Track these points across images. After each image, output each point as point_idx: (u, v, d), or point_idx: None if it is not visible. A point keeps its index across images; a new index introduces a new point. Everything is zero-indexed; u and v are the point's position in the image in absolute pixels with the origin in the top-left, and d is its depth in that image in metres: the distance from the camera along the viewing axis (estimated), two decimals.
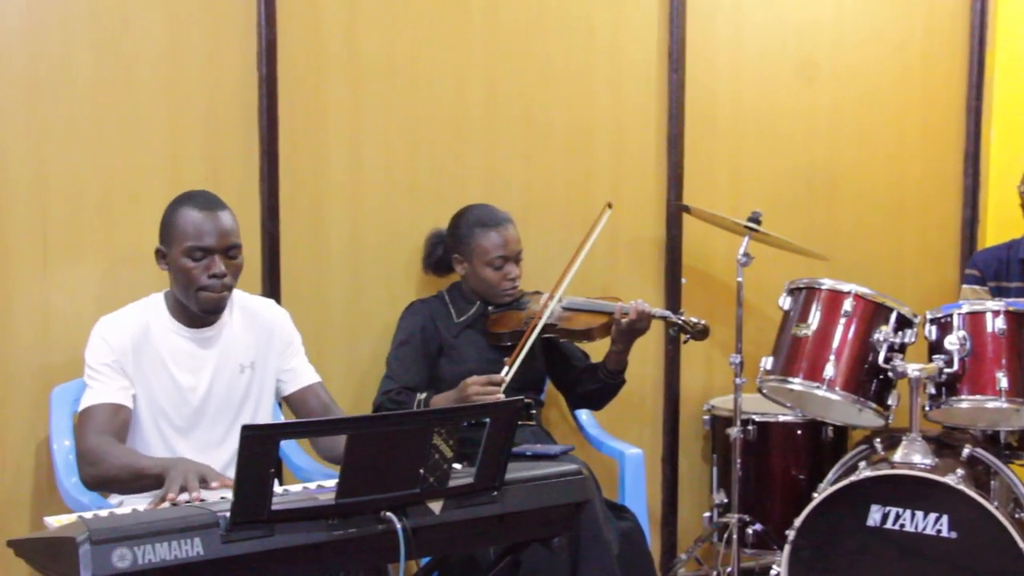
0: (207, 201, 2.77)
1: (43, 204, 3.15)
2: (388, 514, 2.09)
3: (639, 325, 3.34)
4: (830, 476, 3.65)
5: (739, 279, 3.75)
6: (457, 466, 2.25)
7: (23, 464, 3.17)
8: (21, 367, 3.15)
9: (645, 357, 4.08)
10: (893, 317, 3.54)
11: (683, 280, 4.14)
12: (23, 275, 3.13)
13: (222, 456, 2.82)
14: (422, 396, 3.29)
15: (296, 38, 3.46)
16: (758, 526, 3.82)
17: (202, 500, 2.30)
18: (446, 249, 3.54)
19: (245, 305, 2.94)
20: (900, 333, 3.51)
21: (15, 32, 3.10)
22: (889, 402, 3.54)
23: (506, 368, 3.22)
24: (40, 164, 3.14)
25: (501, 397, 3.16)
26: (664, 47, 4.07)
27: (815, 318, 3.59)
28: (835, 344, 3.54)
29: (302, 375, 2.98)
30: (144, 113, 3.28)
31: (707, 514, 4.01)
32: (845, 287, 3.58)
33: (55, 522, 2.13)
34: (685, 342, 3.45)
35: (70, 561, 1.86)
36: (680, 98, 4.08)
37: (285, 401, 3.00)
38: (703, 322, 3.38)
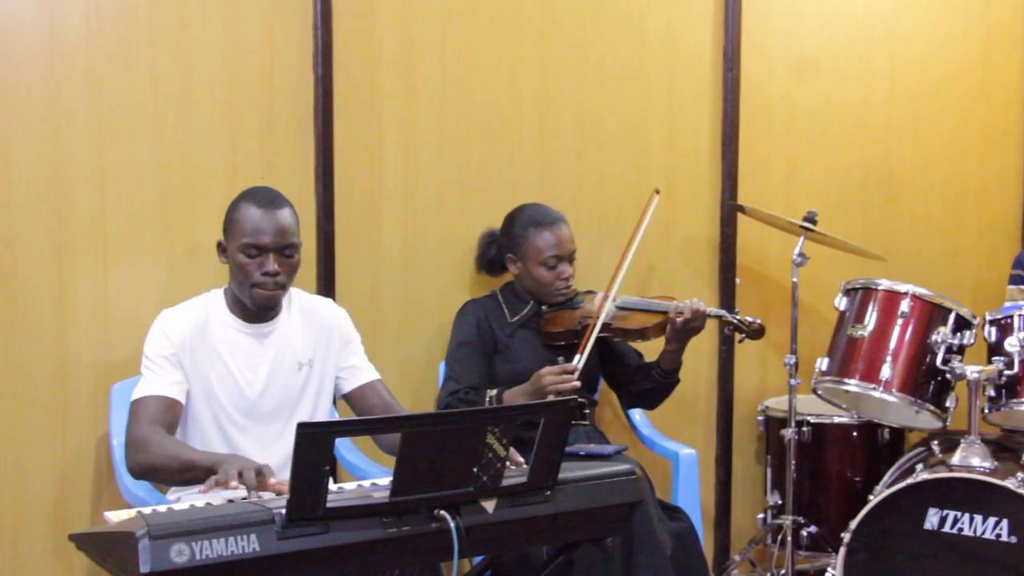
0: (269, 199, 2.79)
1: (103, 202, 3.20)
2: (442, 512, 2.09)
3: (694, 324, 3.31)
4: (886, 478, 3.61)
5: (794, 279, 3.72)
6: (511, 463, 2.25)
7: (83, 460, 3.21)
8: (81, 364, 3.19)
9: (699, 357, 4.06)
10: (952, 318, 3.50)
11: (737, 280, 4.12)
12: (84, 272, 3.18)
13: (278, 453, 2.83)
14: (492, 393, 3.29)
15: (351, 39, 3.48)
16: (813, 528, 3.79)
17: (258, 497, 2.32)
18: (500, 249, 3.54)
19: (304, 304, 2.97)
20: (959, 334, 3.47)
21: (78, 32, 3.14)
22: (947, 404, 3.50)
23: (577, 356, 3.22)
24: (101, 162, 3.19)
25: (577, 384, 3.16)
26: (719, 45, 4.05)
27: (871, 319, 3.56)
28: (892, 345, 3.50)
29: (362, 372, 3.00)
30: (202, 112, 3.31)
31: (761, 515, 3.98)
32: (902, 287, 3.55)
33: (115, 517, 2.16)
34: (740, 341, 3.42)
35: (129, 555, 1.88)
36: (735, 97, 4.06)
37: (345, 399, 3.02)
38: (758, 321, 3.34)
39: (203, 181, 3.29)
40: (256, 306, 2.80)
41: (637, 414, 3.82)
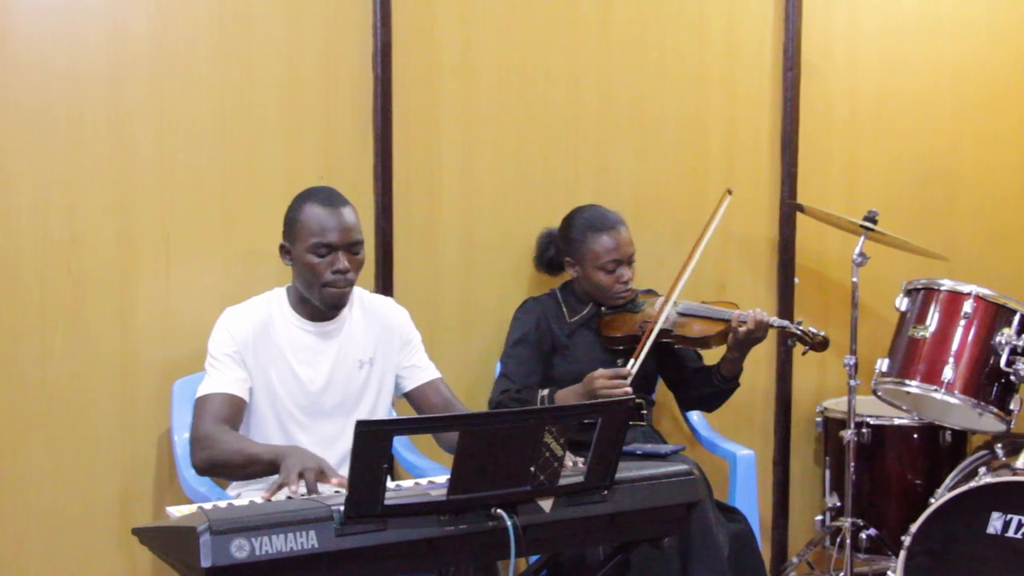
0: (331, 198, 2.82)
1: (166, 202, 3.24)
2: (499, 511, 2.09)
3: (757, 335, 3.27)
4: (948, 481, 3.57)
5: (854, 279, 3.68)
6: (569, 464, 2.25)
7: (146, 455, 3.26)
8: (144, 361, 3.24)
9: (757, 357, 4.02)
10: (1016, 319, 3.45)
11: (796, 280, 4.08)
12: (147, 271, 3.23)
13: (338, 450, 2.86)
14: (544, 393, 3.29)
15: (411, 39, 3.50)
16: (872, 531, 3.75)
17: (318, 493, 2.35)
18: (558, 251, 3.54)
19: (366, 302, 2.99)
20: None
21: (143, 35, 3.19)
22: (1011, 407, 3.45)
23: (632, 361, 3.21)
24: (165, 162, 3.23)
25: (629, 390, 3.14)
26: (779, 44, 4.03)
27: (933, 319, 3.52)
28: (954, 346, 3.46)
29: (423, 371, 3.02)
30: (263, 113, 3.35)
31: (819, 517, 3.95)
32: (965, 288, 3.50)
33: (177, 512, 2.19)
34: (804, 354, 3.34)
35: (191, 550, 1.91)
36: (795, 96, 4.03)
37: (405, 397, 3.03)
38: (822, 333, 3.27)
39: (264, 181, 3.33)
40: (327, 305, 2.83)
41: (695, 415, 3.81)
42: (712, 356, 3.45)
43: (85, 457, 3.19)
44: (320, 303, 2.82)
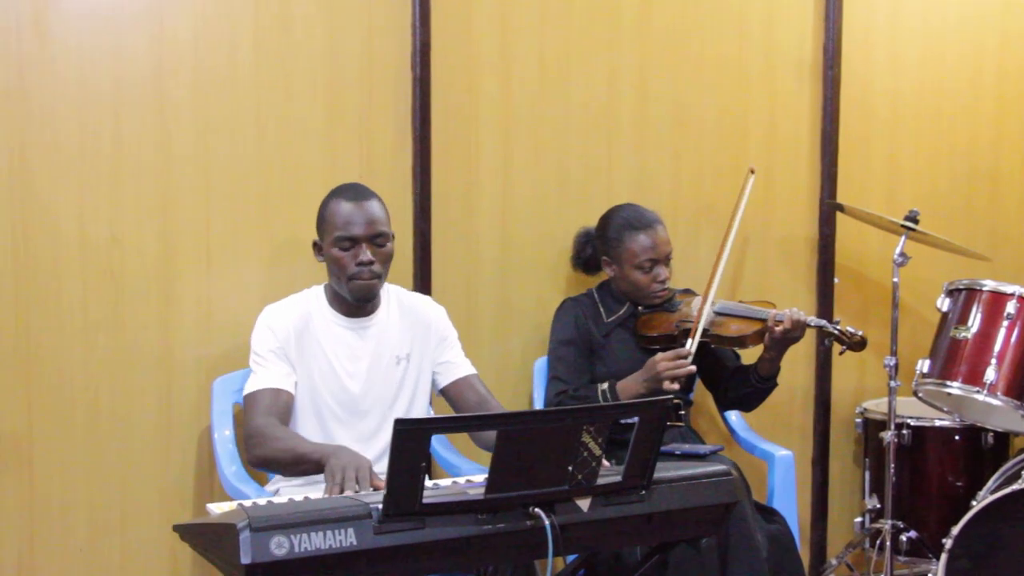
0: (355, 192, 2.86)
1: (207, 202, 3.27)
2: (536, 510, 2.09)
3: (793, 334, 3.25)
4: (990, 484, 3.53)
5: (895, 279, 3.65)
6: (606, 464, 2.25)
7: (186, 453, 3.29)
8: (185, 358, 3.26)
9: (796, 357, 4.00)
10: None
11: (836, 280, 4.06)
12: (188, 270, 3.25)
13: (376, 447, 2.88)
14: (604, 386, 3.28)
15: (449, 39, 3.50)
16: (912, 533, 3.72)
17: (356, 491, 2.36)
18: (595, 250, 3.54)
19: (403, 300, 3.01)
20: None
21: (185, 37, 3.22)
22: None
23: (689, 340, 3.20)
24: (205, 161, 3.26)
25: (692, 369, 3.17)
26: (819, 42, 4.00)
27: (975, 320, 3.49)
28: (997, 347, 3.42)
29: (458, 367, 3.03)
30: (302, 112, 3.37)
31: (859, 519, 3.92)
32: (1009, 288, 3.47)
33: (217, 509, 2.21)
34: (841, 353, 3.32)
35: (231, 547, 1.92)
36: (835, 95, 4.01)
37: (441, 394, 3.05)
38: (860, 333, 3.25)
39: (303, 180, 3.34)
40: (355, 298, 2.85)
41: (733, 415, 3.79)
42: (750, 356, 3.43)
43: (127, 454, 3.22)
44: (349, 296, 2.85)
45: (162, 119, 3.21)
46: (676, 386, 3.16)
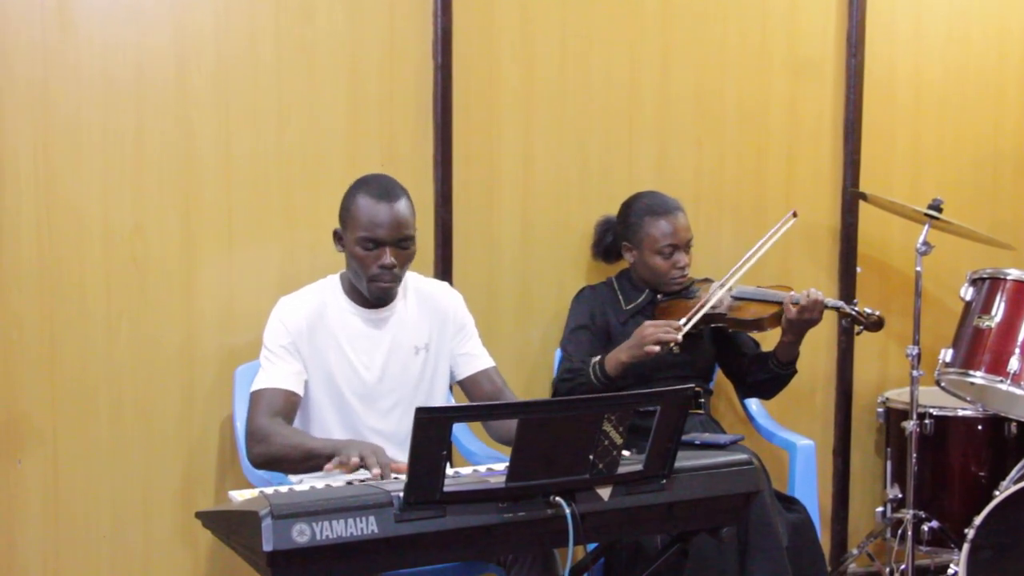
0: (385, 190, 2.79)
1: (229, 189, 3.28)
2: (557, 499, 2.10)
3: (811, 315, 3.24)
4: (1013, 474, 3.51)
5: (917, 268, 3.64)
6: (626, 453, 2.25)
7: (208, 440, 3.30)
8: (206, 347, 3.28)
9: (817, 347, 3.99)
10: None
11: (858, 269, 4.04)
12: (209, 259, 3.27)
13: (396, 437, 2.87)
14: (596, 359, 3.27)
15: (471, 26, 3.50)
16: (934, 523, 3.71)
17: (378, 479, 2.36)
18: (615, 237, 3.53)
19: (419, 288, 2.99)
20: None
21: (206, 25, 3.22)
22: None
23: (684, 319, 3.19)
24: (227, 150, 3.27)
25: (678, 338, 3.12)
26: (843, 30, 3.97)
27: (999, 309, 3.47)
28: (1021, 337, 3.40)
29: (477, 359, 3.02)
30: (324, 100, 3.37)
31: (880, 509, 3.91)
32: None
33: (239, 496, 2.22)
34: (858, 333, 3.32)
35: (253, 534, 1.94)
36: (858, 83, 3.98)
37: (459, 384, 3.04)
38: (877, 313, 3.25)
39: (324, 170, 3.35)
40: (373, 298, 2.84)
41: (753, 404, 3.78)
42: (769, 344, 3.42)
43: (149, 442, 3.24)
44: (367, 294, 2.83)
45: (184, 109, 3.21)
46: (656, 348, 3.12)
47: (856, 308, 3.25)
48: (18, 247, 3.08)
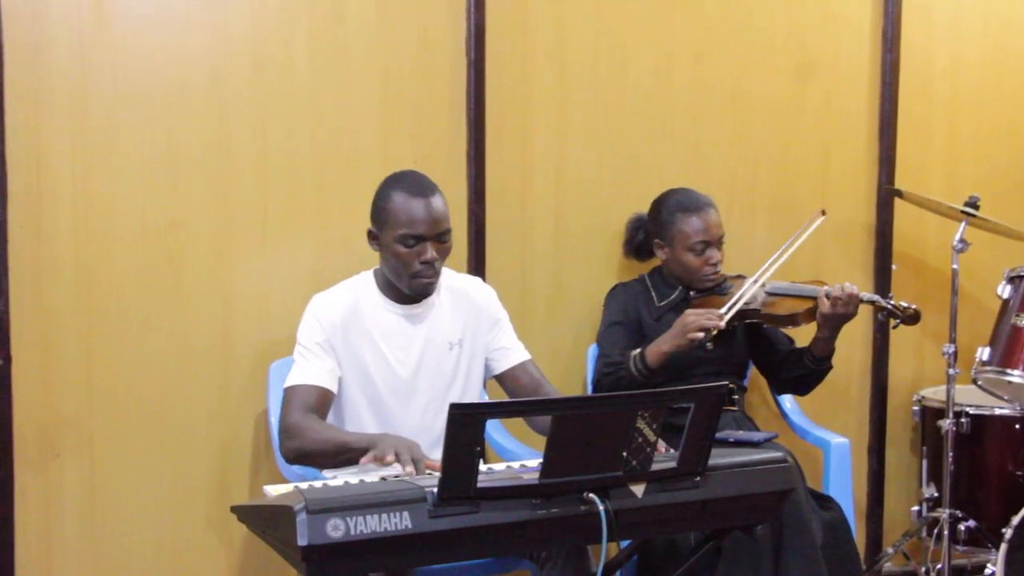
0: (420, 186, 2.79)
1: (264, 186, 3.29)
2: (591, 495, 2.09)
3: (846, 310, 3.21)
4: None
5: (954, 266, 3.61)
6: (660, 449, 2.24)
7: (243, 435, 3.32)
8: (241, 342, 3.30)
9: (852, 343, 3.97)
10: None
11: (894, 266, 4.01)
12: (244, 254, 3.29)
13: (430, 433, 2.87)
14: (635, 352, 3.26)
15: (504, 23, 3.50)
16: (971, 523, 3.68)
17: (411, 475, 2.37)
18: (647, 234, 3.52)
19: (452, 284, 2.99)
20: None
21: (242, 24, 3.24)
22: None
23: (725, 308, 3.18)
24: (262, 148, 3.28)
25: (721, 325, 3.12)
26: (878, 25, 3.95)
27: None
28: None
29: (513, 353, 3.02)
30: (357, 98, 3.38)
31: (916, 508, 3.89)
32: None
33: (273, 491, 2.23)
34: (895, 327, 3.30)
35: (288, 528, 1.94)
36: (894, 79, 3.95)
37: (496, 379, 3.04)
38: (914, 306, 3.22)
39: (358, 167, 3.36)
40: (414, 293, 2.83)
41: (788, 401, 3.77)
42: (803, 339, 3.40)
43: (184, 437, 3.26)
44: (408, 291, 2.83)
45: (219, 108, 3.23)
46: (700, 335, 3.12)
47: (892, 302, 3.23)
48: (55, 245, 3.11)
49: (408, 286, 2.81)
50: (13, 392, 3.08)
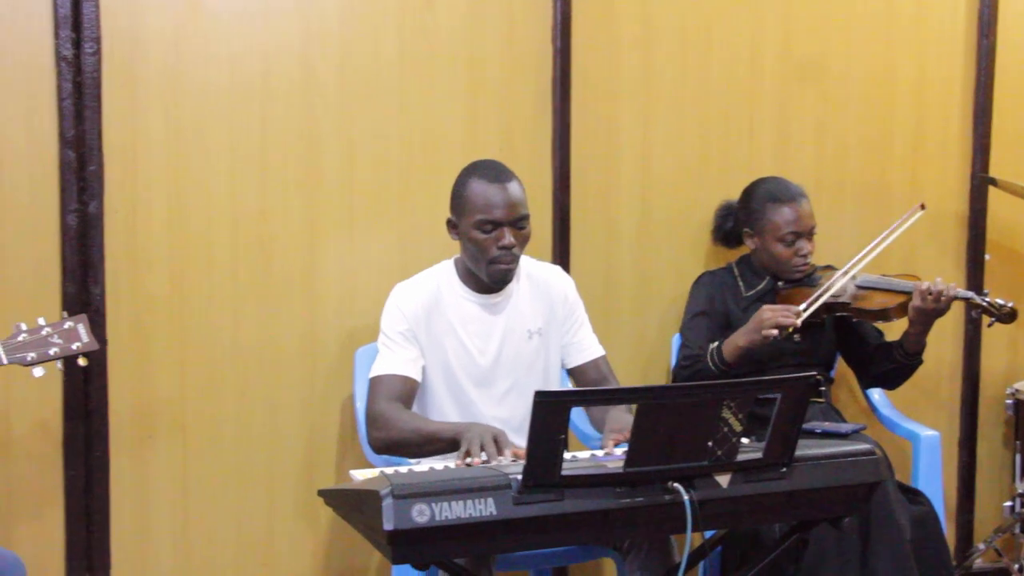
0: (496, 172, 2.81)
1: (351, 175, 3.33)
2: (675, 485, 2.09)
3: (939, 306, 3.16)
4: None
5: None
6: (745, 440, 2.23)
7: (329, 420, 3.36)
8: (328, 329, 3.34)
9: (943, 336, 3.89)
10: None
11: (987, 256, 3.92)
12: (331, 242, 3.32)
13: (510, 422, 2.88)
14: (714, 345, 3.25)
15: (590, 11, 3.49)
16: None
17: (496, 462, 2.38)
18: (736, 222, 3.49)
19: (532, 272, 3.00)
20: None
21: (331, 17, 3.28)
22: None
23: (804, 304, 3.15)
24: (350, 138, 3.32)
25: (797, 323, 3.08)
26: (974, 10, 3.86)
27: None
28: None
29: (587, 348, 3.02)
30: (444, 87, 3.40)
31: (1008, 503, 3.81)
32: None
33: (360, 475, 2.26)
34: (990, 325, 3.22)
35: (374, 513, 1.97)
36: (990, 65, 3.86)
37: (567, 372, 3.05)
38: (1010, 304, 3.14)
39: (444, 155, 3.37)
40: (493, 280, 2.84)
41: (876, 393, 3.71)
42: (893, 333, 3.35)
43: (273, 420, 3.31)
44: (487, 278, 2.84)
45: (308, 96, 3.27)
46: (774, 332, 3.08)
47: (988, 299, 3.16)
48: (150, 231, 3.18)
49: (487, 273, 2.82)
50: (109, 375, 3.16)
